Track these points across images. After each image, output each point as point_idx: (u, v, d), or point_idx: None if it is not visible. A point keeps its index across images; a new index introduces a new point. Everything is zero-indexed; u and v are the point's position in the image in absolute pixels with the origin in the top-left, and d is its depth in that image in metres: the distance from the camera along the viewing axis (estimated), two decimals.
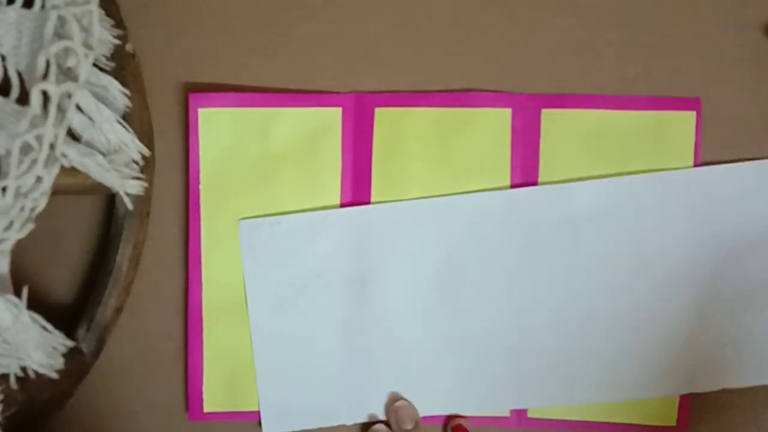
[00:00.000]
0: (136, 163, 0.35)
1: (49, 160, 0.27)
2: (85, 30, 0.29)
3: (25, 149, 0.26)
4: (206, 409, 0.37)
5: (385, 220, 0.37)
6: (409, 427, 0.36)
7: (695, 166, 0.37)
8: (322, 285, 0.37)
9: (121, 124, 0.33)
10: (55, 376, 0.31)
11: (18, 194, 0.27)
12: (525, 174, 0.37)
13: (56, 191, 0.28)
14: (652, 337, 0.37)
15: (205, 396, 0.37)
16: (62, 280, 0.38)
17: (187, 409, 0.38)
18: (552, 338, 0.37)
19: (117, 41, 0.33)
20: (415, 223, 0.37)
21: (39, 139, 0.26)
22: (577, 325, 0.37)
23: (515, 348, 0.37)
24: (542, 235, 0.37)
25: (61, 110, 0.28)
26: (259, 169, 0.37)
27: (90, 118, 0.32)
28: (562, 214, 0.37)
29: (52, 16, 0.27)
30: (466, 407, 0.37)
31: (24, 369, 0.30)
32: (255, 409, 0.37)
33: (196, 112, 0.37)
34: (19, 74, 0.27)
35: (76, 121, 0.31)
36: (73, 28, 0.28)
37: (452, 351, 0.37)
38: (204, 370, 0.37)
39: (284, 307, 0.37)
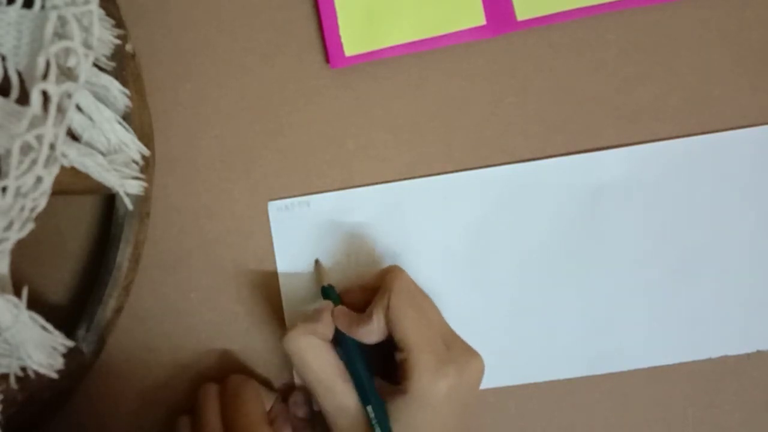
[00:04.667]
0: (136, 163, 0.35)
1: (49, 160, 0.27)
2: (85, 30, 0.29)
3: (25, 149, 0.26)
4: None
5: (413, 196, 0.38)
6: (301, 414, 0.36)
7: None
8: (353, 264, 0.38)
9: (121, 124, 0.33)
10: (55, 376, 0.31)
11: (18, 194, 0.26)
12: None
13: (56, 191, 0.28)
14: (682, 303, 0.37)
15: None
16: (62, 280, 0.38)
17: None
18: (582, 308, 0.37)
19: (117, 41, 0.33)
20: (443, 198, 0.38)
21: (39, 139, 0.26)
22: (607, 294, 0.37)
23: (546, 318, 0.38)
24: (571, 205, 0.38)
25: (61, 110, 0.28)
26: None
27: (90, 118, 0.32)
28: (590, 182, 0.38)
29: (52, 16, 0.27)
30: (497, 379, 0.38)
31: (24, 369, 0.30)
32: None
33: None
34: (19, 74, 0.27)
35: (76, 121, 0.31)
36: (73, 28, 0.27)
37: (484, 323, 0.38)
38: None
39: (316, 287, 0.38)
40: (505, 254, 0.38)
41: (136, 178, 0.35)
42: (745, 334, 0.37)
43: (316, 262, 0.37)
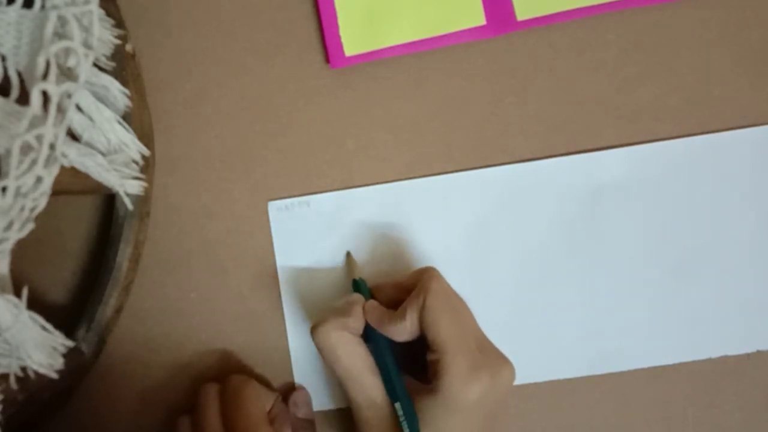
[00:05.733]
0: (136, 163, 0.35)
1: (49, 160, 0.27)
2: (85, 30, 0.29)
3: (25, 149, 0.26)
4: None
5: (413, 196, 0.38)
6: (300, 414, 0.36)
7: None
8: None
9: (121, 124, 0.33)
10: (55, 376, 0.31)
11: (18, 194, 0.26)
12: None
13: (56, 191, 0.28)
14: (682, 303, 0.37)
15: None
16: (62, 280, 0.38)
17: None
18: (582, 308, 0.37)
19: (117, 41, 0.33)
20: (443, 197, 0.38)
21: (39, 139, 0.26)
22: (607, 294, 0.37)
23: (546, 318, 0.38)
24: (571, 205, 0.38)
25: (61, 110, 0.28)
26: None
27: (90, 118, 0.32)
28: (590, 182, 0.38)
29: (52, 16, 0.27)
30: None
31: (24, 369, 0.30)
32: None
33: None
34: (19, 74, 0.27)
35: (76, 121, 0.31)
36: (73, 28, 0.27)
37: (483, 323, 0.37)
38: None
39: (316, 286, 0.38)
40: (505, 254, 0.38)
41: (136, 178, 0.35)
42: (745, 334, 0.37)
43: (348, 254, 0.38)
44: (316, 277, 0.38)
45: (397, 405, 0.31)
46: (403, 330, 0.32)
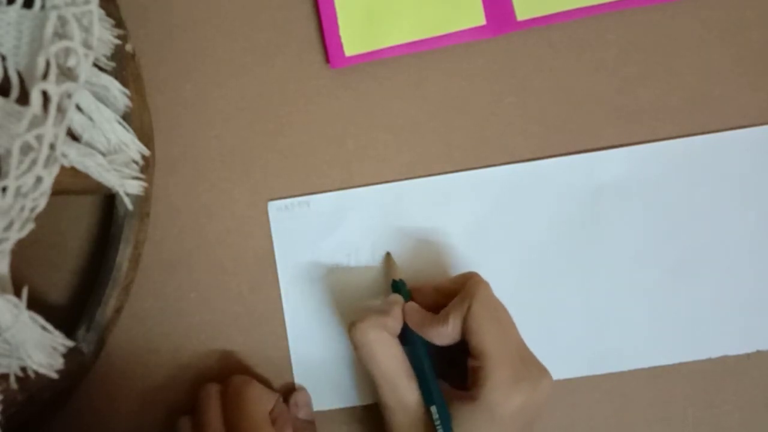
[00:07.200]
0: (136, 163, 0.35)
1: (49, 160, 0.27)
2: (85, 30, 0.29)
3: (25, 149, 0.26)
4: None
5: (412, 196, 0.38)
6: (301, 415, 0.36)
7: None
8: (353, 264, 0.38)
9: (121, 124, 0.33)
10: (55, 376, 0.31)
11: (18, 194, 0.26)
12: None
13: (56, 191, 0.28)
14: (682, 303, 0.37)
15: None
16: (62, 280, 0.38)
17: None
18: (582, 308, 0.37)
19: (117, 41, 0.33)
20: (443, 197, 0.38)
21: (39, 139, 0.26)
22: (607, 294, 0.37)
23: (546, 318, 0.37)
24: (571, 205, 0.38)
25: (61, 110, 0.28)
26: None
27: (90, 118, 0.32)
28: (590, 182, 0.38)
29: (52, 16, 0.27)
30: None
31: (24, 369, 0.30)
32: None
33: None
34: (19, 74, 0.27)
35: (76, 121, 0.31)
36: (73, 28, 0.27)
37: None
38: None
39: (316, 286, 0.38)
40: (505, 254, 0.38)
41: (136, 178, 0.35)
42: (745, 334, 0.37)
43: (387, 255, 0.37)
44: (317, 277, 0.38)
45: (433, 408, 0.31)
46: (444, 334, 0.32)
